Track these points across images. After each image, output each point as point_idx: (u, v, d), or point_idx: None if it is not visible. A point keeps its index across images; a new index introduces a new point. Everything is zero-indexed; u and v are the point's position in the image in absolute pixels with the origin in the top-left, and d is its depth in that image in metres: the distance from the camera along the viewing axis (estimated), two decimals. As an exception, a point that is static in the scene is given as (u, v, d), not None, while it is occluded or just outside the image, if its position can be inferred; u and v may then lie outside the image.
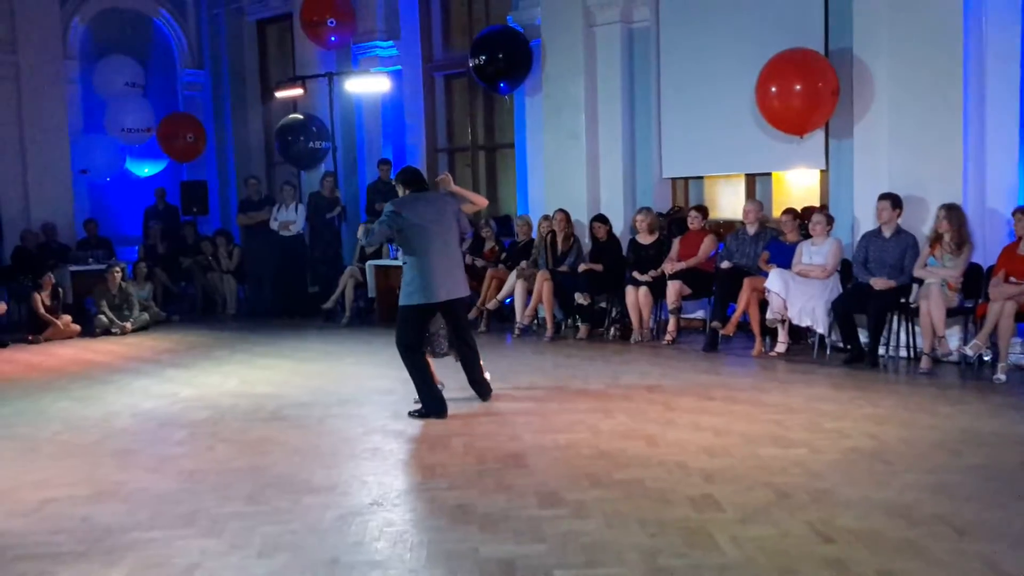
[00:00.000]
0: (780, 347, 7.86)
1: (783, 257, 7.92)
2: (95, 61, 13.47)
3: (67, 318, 10.66)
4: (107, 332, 10.61)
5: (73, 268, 11.71)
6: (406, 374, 6.47)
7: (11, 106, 12.39)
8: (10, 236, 12.26)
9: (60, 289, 10.89)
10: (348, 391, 6.69)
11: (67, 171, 12.93)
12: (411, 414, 6.11)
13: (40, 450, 5.66)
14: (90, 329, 10.66)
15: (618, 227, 9.54)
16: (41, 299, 10.43)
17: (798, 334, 8.04)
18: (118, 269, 11.03)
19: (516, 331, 9.33)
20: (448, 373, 6.60)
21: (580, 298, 9.03)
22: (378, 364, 8.03)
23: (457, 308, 6.23)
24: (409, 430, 5.85)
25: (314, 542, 3.93)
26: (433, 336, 6.31)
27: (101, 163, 13.43)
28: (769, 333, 7.98)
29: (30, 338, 10.27)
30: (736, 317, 7.98)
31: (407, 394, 6.66)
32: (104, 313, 10.72)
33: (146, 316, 11.09)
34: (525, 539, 3.85)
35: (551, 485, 4.54)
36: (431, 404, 6.07)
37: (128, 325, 10.74)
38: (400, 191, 6.29)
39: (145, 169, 14.08)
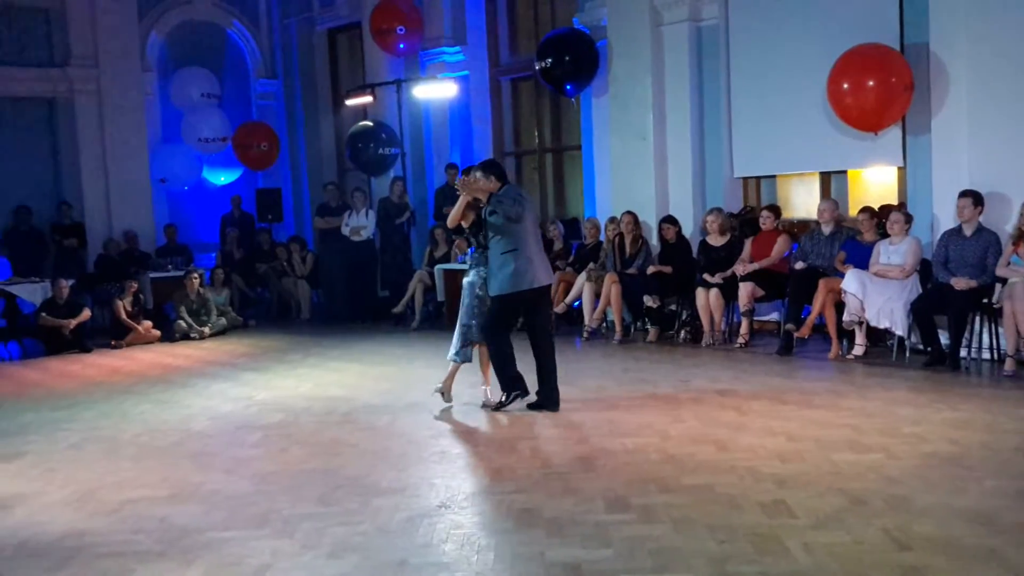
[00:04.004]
0: (857, 350, 7.66)
1: (860, 257, 7.72)
2: (172, 73, 13.90)
3: (148, 323, 10.99)
4: (186, 337, 10.91)
5: (153, 275, 12.08)
6: (474, 376, 6.52)
7: (93, 119, 12.87)
8: (93, 244, 12.72)
9: (141, 295, 11.24)
10: (417, 394, 6.75)
11: (147, 181, 13.37)
12: (498, 407, 6.25)
13: (121, 452, 5.84)
14: (170, 334, 10.97)
15: (688, 228, 9.43)
16: (123, 305, 10.78)
17: (876, 336, 7.82)
18: (196, 275, 11.33)
19: (584, 334, 9.30)
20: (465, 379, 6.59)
21: (649, 301, 8.95)
22: (446, 367, 8.07)
23: (548, 294, 6.60)
24: (476, 433, 5.88)
25: (383, 543, 3.98)
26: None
27: (179, 172, 13.84)
28: (846, 335, 7.79)
29: (113, 343, 10.62)
30: (811, 319, 7.81)
31: (474, 398, 6.71)
32: (183, 318, 11.03)
33: (223, 321, 11.37)
34: (592, 544, 3.83)
35: (618, 490, 4.50)
36: (516, 384, 6.31)
37: (206, 330, 11.03)
38: (493, 183, 6.26)
39: (221, 177, 14.45)
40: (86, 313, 10.70)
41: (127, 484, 5.07)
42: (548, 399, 6.34)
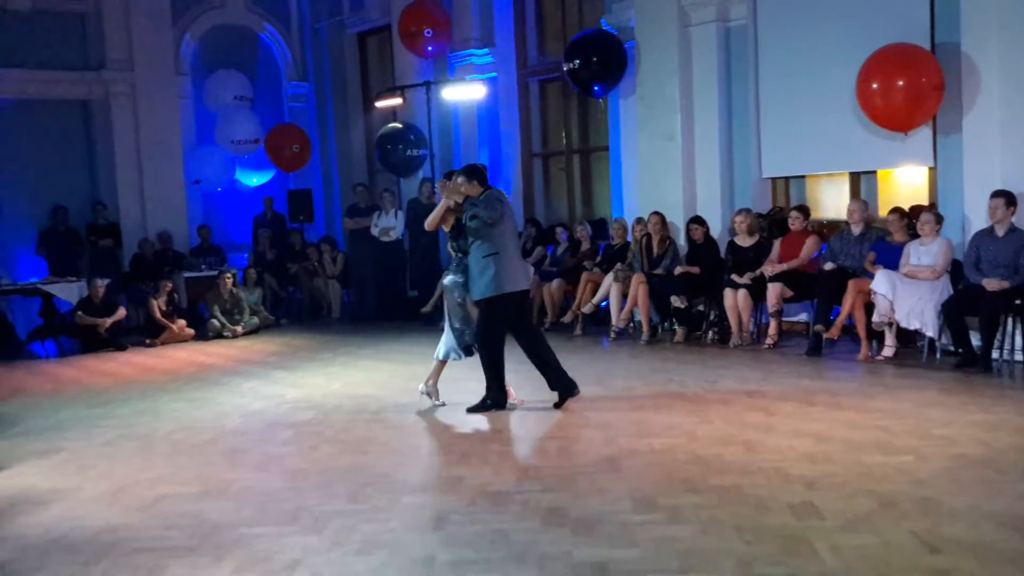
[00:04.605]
0: (887, 351, 7.60)
1: (890, 258, 7.66)
2: (205, 76, 14.07)
3: (182, 322, 11.15)
4: (219, 336, 11.06)
5: (187, 275, 12.26)
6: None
7: (128, 121, 13.07)
8: (129, 245, 12.92)
9: (176, 295, 11.41)
10: (445, 393, 6.80)
11: (181, 182, 13.56)
12: (472, 409, 6.34)
13: (155, 448, 5.94)
14: (203, 333, 11.13)
15: (715, 229, 9.41)
16: (158, 304, 10.94)
17: (906, 338, 7.76)
18: (229, 275, 11.48)
19: (612, 334, 9.30)
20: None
21: (676, 301, 8.94)
22: (474, 367, 8.09)
23: (528, 298, 6.71)
24: (504, 432, 5.91)
25: (411, 540, 4.02)
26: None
27: (212, 174, 14.01)
28: (875, 337, 7.73)
29: (147, 342, 10.79)
30: (841, 320, 7.76)
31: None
32: (216, 317, 11.18)
33: (256, 320, 11.51)
34: (619, 543, 3.84)
35: (646, 490, 4.51)
36: (500, 397, 6.38)
37: (239, 329, 11.17)
38: (474, 187, 6.34)
39: (254, 179, 14.61)
40: (121, 312, 10.88)
41: (160, 480, 5.16)
42: (566, 388, 6.40)
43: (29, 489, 5.11)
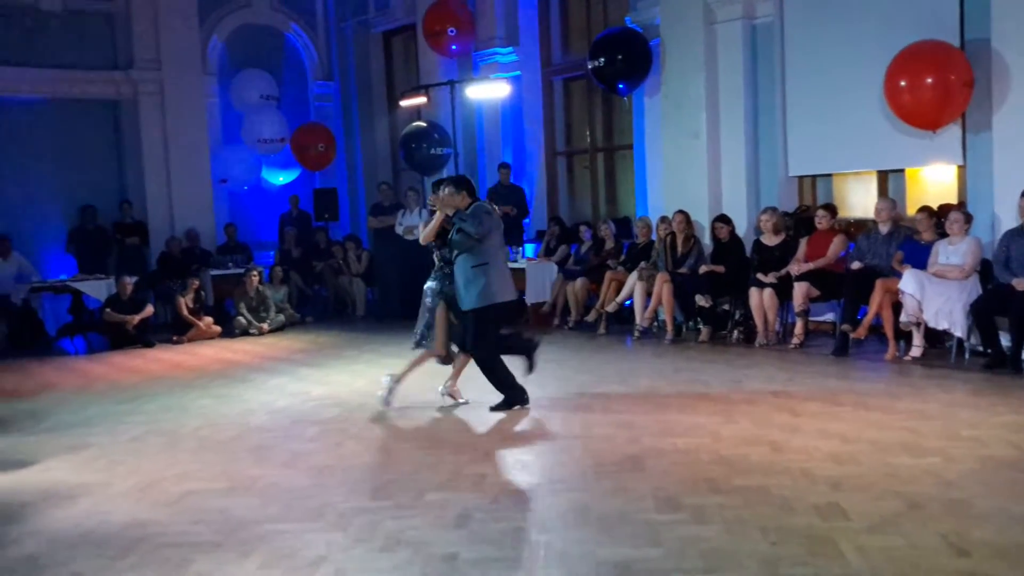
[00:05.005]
0: (915, 351, 7.52)
1: (918, 257, 7.58)
2: (232, 76, 14.17)
3: (209, 319, 11.24)
4: (245, 333, 11.14)
5: (214, 272, 12.35)
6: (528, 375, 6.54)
7: (156, 120, 13.21)
8: (156, 243, 13.05)
9: (203, 292, 11.50)
10: (468, 391, 6.81)
11: (208, 181, 13.68)
12: (495, 408, 6.34)
13: (182, 444, 6.00)
14: (230, 330, 11.22)
15: (741, 227, 9.35)
16: (185, 302, 11.04)
17: (934, 338, 7.67)
18: (255, 273, 11.56)
19: (636, 333, 9.27)
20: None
21: (701, 300, 8.90)
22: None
23: (514, 309, 6.75)
24: (528, 430, 5.91)
25: (435, 538, 4.03)
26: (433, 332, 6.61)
27: (239, 172, 14.11)
28: (903, 337, 7.65)
29: (175, 339, 10.89)
30: (868, 320, 7.69)
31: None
32: (243, 315, 11.27)
33: (281, 317, 11.59)
34: (642, 543, 3.83)
35: (670, 489, 4.50)
36: (518, 394, 6.40)
37: (265, 326, 11.25)
38: (463, 198, 6.38)
39: (280, 177, 14.70)
40: (149, 309, 10.99)
41: (187, 476, 5.21)
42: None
43: (58, 484, 5.18)
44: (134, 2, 13.09)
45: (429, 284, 6.72)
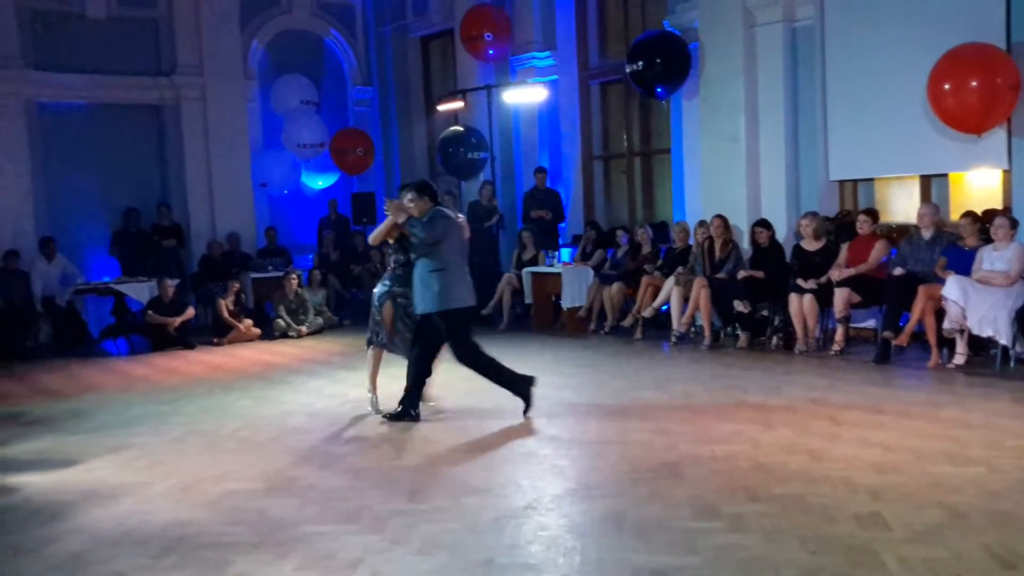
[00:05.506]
0: (958, 359, 7.39)
1: (962, 263, 7.45)
2: (272, 81, 14.33)
3: (248, 322, 11.37)
4: (284, 335, 11.25)
5: (254, 275, 12.49)
6: (561, 379, 6.55)
7: (198, 125, 13.40)
8: (197, 246, 13.23)
9: (243, 295, 11.64)
10: (504, 395, 6.80)
11: (248, 185, 13.84)
12: (525, 410, 6.35)
13: (221, 446, 6.07)
14: (269, 332, 11.34)
15: (781, 232, 9.25)
16: (225, 304, 11.18)
17: (978, 345, 7.53)
18: (294, 276, 11.69)
19: (673, 339, 9.21)
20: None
21: (740, 306, 8.82)
22: (533, 369, 8.04)
23: (468, 318, 6.56)
24: (563, 436, 5.90)
25: (471, 542, 4.03)
26: (399, 334, 6.63)
27: (279, 177, 14.25)
28: (946, 344, 7.52)
29: (215, 341, 11.03)
30: (910, 327, 7.57)
31: (561, 400, 6.74)
32: (282, 317, 11.38)
33: (320, 320, 11.69)
34: (679, 551, 3.81)
35: (707, 497, 4.46)
36: (525, 385, 6.38)
37: (304, 329, 11.36)
38: (425, 203, 6.40)
39: (319, 182, 14.83)
40: (190, 312, 11.15)
41: (226, 477, 5.27)
42: (407, 413, 6.44)
43: (101, 483, 5.27)
44: (177, 9, 13.30)
45: (378, 287, 6.81)
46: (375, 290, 6.87)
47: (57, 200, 12.65)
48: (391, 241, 6.64)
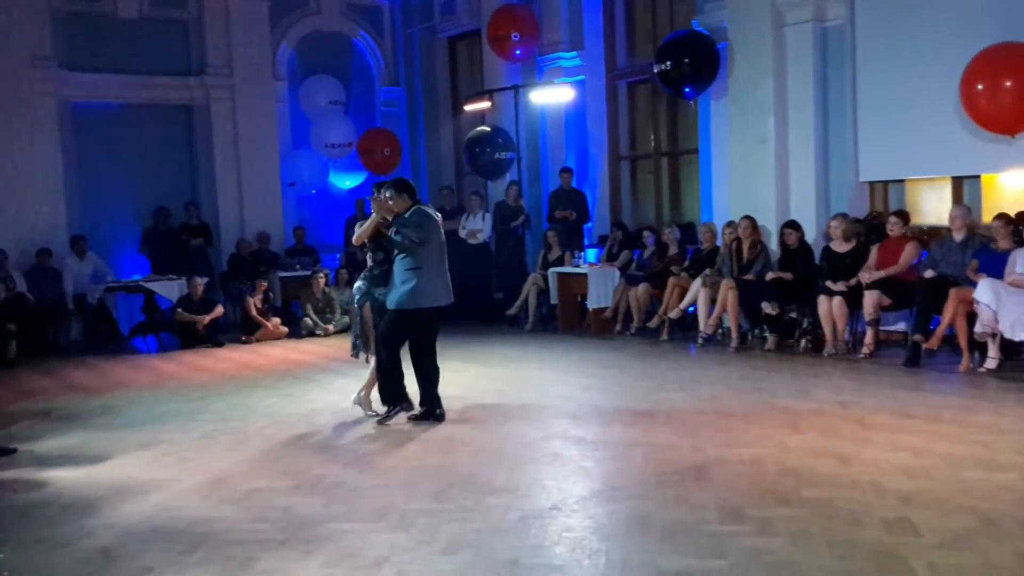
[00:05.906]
0: (990, 363, 7.29)
1: (994, 266, 7.35)
2: (301, 81, 14.41)
3: (276, 320, 11.46)
4: (311, 334, 11.33)
5: (282, 274, 12.58)
6: (587, 380, 6.52)
7: (228, 125, 13.50)
8: (226, 244, 13.34)
9: (271, 294, 11.72)
10: (530, 395, 6.82)
11: (277, 184, 13.92)
12: (381, 421, 6.39)
13: (249, 443, 6.12)
14: (296, 331, 11.42)
15: (810, 234, 9.17)
16: (254, 303, 11.27)
17: (1011, 349, 7.42)
18: (322, 275, 11.76)
19: (699, 340, 9.16)
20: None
21: (768, 308, 8.75)
22: (559, 370, 8.12)
23: (442, 316, 6.57)
24: (589, 437, 5.88)
25: (496, 542, 4.04)
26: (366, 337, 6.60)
27: (307, 176, 14.32)
28: (978, 348, 7.42)
29: (243, 339, 11.12)
30: (941, 330, 7.48)
31: (586, 401, 6.73)
32: (309, 316, 11.46)
33: (347, 319, 11.72)
34: (705, 554, 3.78)
35: (733, 500, 4.43)
36: (397, 399, 6.42)
37: (331, 327, 11.42)
38: (404, 201, 6.39)
39: (346, 182, 14.90)
40: (219, 310, 11.24)
41: (253, 474, 5.31)
42: (431, 413, 6.41)
43: (130, 479, 5.33)
44: (207, 10, 13.41)
45: (357, 284, 6.77)
46: (354, 287, 6.82)
47: (89, 199, 12.79)
48: (368, 240, 6.62)
